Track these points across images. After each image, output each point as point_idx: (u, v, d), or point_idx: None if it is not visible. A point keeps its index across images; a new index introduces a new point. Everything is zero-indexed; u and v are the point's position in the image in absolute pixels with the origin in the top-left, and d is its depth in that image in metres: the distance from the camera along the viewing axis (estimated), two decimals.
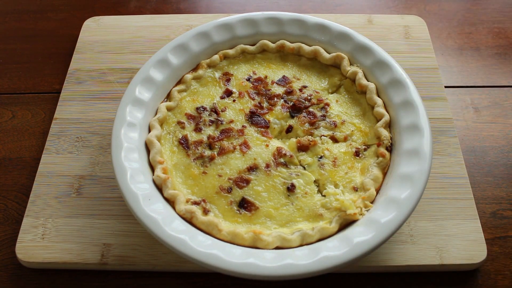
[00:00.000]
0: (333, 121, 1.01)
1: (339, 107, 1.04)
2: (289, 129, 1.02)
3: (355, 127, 1.01)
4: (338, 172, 0.95)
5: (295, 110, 1.04)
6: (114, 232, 0.97)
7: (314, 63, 1.12)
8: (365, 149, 0.97)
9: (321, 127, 1.01)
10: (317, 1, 1.46)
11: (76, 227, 0.98)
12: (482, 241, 0.95)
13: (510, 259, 0.96)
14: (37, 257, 0.94)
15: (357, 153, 0.97)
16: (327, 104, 1.04)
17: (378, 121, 1.00)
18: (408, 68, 1.17)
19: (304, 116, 1.03)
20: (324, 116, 1.02)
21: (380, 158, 0.94)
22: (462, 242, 0.95)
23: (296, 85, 1.07)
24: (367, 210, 0.89)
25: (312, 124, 1.01)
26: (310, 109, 1.04)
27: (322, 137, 0.99)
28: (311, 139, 0.98)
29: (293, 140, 0.99)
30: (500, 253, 0.97)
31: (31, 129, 1.17)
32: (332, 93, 1.08)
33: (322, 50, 1.11)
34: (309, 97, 1.05)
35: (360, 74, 1.06)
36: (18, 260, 0.95)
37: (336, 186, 0.94)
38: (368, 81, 1.06)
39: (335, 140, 1.00)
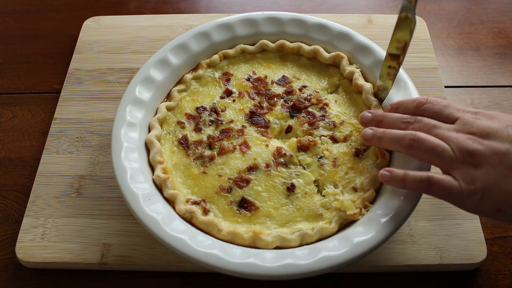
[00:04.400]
0: (332, 121, 1.01)
1: (338, 107, 1.04)
2: (289, 130, 1.02)
3: (353, 128, 1.00)
4: (337, 173, 0.95)
5: (295, 110, 1.04)
6: (114, 232, 0.97)
7: (314, 63, 1.12)
8: (364, 150, 0.97)
9: (321, 127, 1.01)
10: (317, 1, 1.46)
11: (76, 227, 0.98)
12: (482, 241, 0.95)
13: (510, 259, 0.96)
14: (37, 257, 0.94)
15: (357, 154, 0.97)
16: (326, 104, 1.04)
17: None
18: (408, 68, 1.18)
19: (303, 116, 1.02)
20: (323, 116, 1.02)
21: (380, 159, 0.94)
22: (462, 242, 0.95)
23: (296, 85, 1.07)
24: (367, 211, 0.89)
25: (311, 124, 1.01)
26: (310, 109, 1.03)
27: (322, 137, 0.99)
28: (311, 139, 0.98)
29: (294, 139, 0.99)
30: (500, 253, 0.97)
31: (31, 129, 1.17)
32: (331, 93, 1.08)
33: (321, 50, 1.11)
34: (308, 97, 1.05)
35: (357, 74, 1.05)
36: (18, 260, 0.95)
37: (335, 186, 0.94)
38: (368, 81, 1.05)
39: (335, 140, 0.99)
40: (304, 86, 1.07)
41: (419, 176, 0.81)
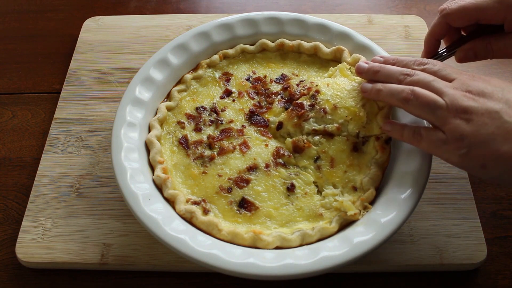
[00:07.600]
0: (322, 108, 0.96)
1: (330, 91, 0.98)
2: (280, 126, 1.00)
3: (348, 112, 0.95)
4: (336, 173, 0.94)
5: (290, 103, 1.02)
6: (114, 232, 0.97)
7: (314, 59, 1.11)
8: (363, 142, 0.96)
9: (311, 119, 0.97)
10: (317, 1, 1.46)
11: (76, 227, 0.98)
12: (482, 241, 0.95)
13: (510, 259, 0.96)
14: (37, 257, 0.94)
15: (355, 148, 0.95)
16: (317, 91, 0.98)
17: (378, 107, 0.96)
18: None
19: (291, 110, 0.99)
20: (312, 105, 0.97)
21: (380, 153, 0.93)
22: (462, 242, 0.95)
23: (294, 81, 1.07)
24: (366, 211, 0.89)
25: (300, 117, 0.97)
26: (298, 100, 1.00)
27: (315, 137, 0.96)
28: (305, 140, 0.97)
29: (289, 140, 0.98)
30: (500, 253, 0.97)
31: (31, 129, 1.17)
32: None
33: (321, 45, 1.10)
34: (303, 89, 1.03)
35: (363, 59, 1.03)
36: (18, 260, 0.95)
37: (335, 186, 0.93)
38: None
39: (328, 134, 0.96)
40: (302, 81, 1.06)
41: (413, 129, 0.86)
